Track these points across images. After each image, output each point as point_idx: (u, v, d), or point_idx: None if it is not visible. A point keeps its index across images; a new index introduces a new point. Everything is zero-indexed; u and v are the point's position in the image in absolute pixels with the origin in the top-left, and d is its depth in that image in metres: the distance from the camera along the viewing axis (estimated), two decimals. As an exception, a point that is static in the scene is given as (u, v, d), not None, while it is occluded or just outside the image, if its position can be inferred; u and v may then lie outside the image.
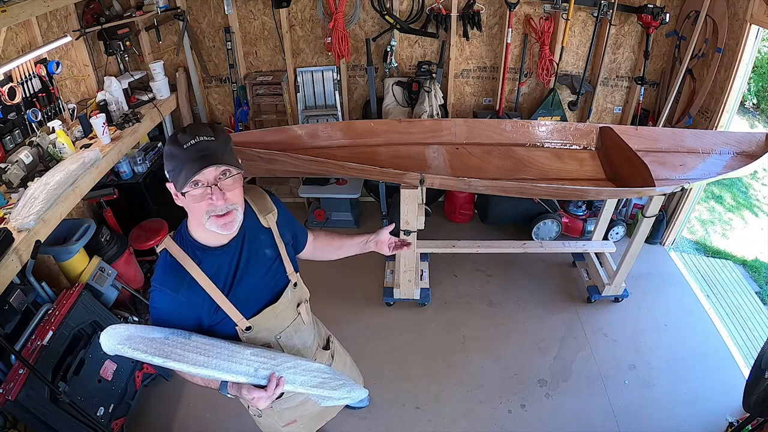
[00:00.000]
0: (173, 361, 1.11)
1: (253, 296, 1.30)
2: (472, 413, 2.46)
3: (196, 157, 1.06)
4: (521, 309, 3.05)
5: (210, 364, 1.14)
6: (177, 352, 1.13)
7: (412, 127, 2.78)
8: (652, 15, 3.02)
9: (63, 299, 2.19)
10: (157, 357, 1.10)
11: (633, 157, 2.45)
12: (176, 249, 1.19)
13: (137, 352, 1.10)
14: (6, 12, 2.06)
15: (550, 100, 3.44)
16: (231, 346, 1.21)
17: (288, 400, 1.56)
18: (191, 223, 1.20)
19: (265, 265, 1.31)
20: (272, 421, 1.64)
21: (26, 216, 2.07)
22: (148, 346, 1.12)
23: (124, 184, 3.01)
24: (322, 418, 1.83)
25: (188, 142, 1.07)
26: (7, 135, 2.42)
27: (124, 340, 1.12)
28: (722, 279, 3.53)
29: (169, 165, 1.10)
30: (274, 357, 1.25)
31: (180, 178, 1.07)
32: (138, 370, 2.46)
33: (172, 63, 3.51)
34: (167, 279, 1.19)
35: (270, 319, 1.34)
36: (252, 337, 1.31)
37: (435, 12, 3.23)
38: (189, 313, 1.21)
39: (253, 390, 1.17)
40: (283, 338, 1.41)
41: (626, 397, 2.51)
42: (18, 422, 1.91)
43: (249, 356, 1.20)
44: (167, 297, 1.19)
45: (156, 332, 1.16)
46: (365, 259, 3.45)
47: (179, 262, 1.18)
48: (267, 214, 1.32)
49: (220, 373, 1.14)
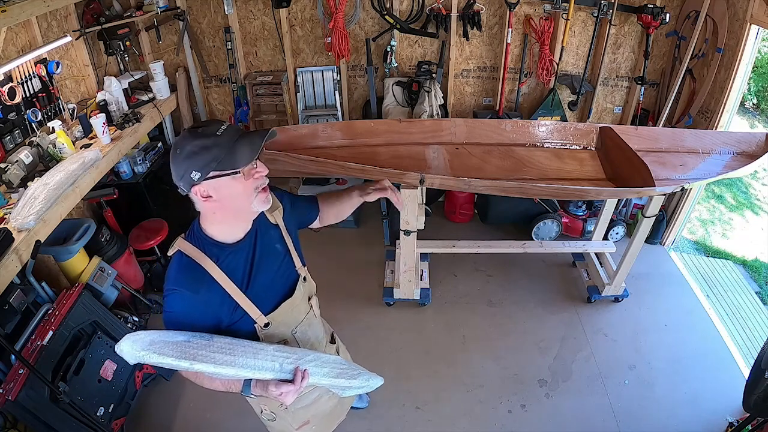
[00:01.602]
0: (200, 363, 1.10)
1: (269, 292, 1.31)
2: (472, 413, 2.46)
3: (241, 135, 1.07)
4: (521, 309, 3.05)
5: (236, 363, 1.13)
6: (202, 353, 1.11)
7: (412, 127, 2.78)
8: (652, 15, 3.02)
9: (63, 299, 2.19)
10: (184, 360, 1.09)
11: (633, 157, 2.45)
12: (191, 249, 1.17)
13: (163, 357, 1.09)
14: (6, 12, 2.06)
15: (550, 100, 3.44)
16: (253, 343, 1.21)
17: (302, 399, 1.57)
18: (209, 220, 1.19)
19: (277, 260, 1.33)
20: (286, 424, 1.63)
21: (26, 216, 2.07)
22: (172, 349, 1.10)
23: (124, 184, 3.01)
24: (333, 420, 1.84)
25: (219, 128, 1.08)
26: (7, 135, 2.42)
27: (147, 345, 1.10)
28: (722, 279, 3.53)
29: (207, 157, 1.06)
30: (295, 352, 1.26)
31: (237, 157, 1.07)
32: (138, 370, 2.46)
33: (172, 63, 3.51)
34: (184, 280, 1.17)
35: (287, 314, 1.35)
36: (270, 334, 1.31)
37: (435, 12, 3.23)
38: (207, 314, 1.19)
39: (282, 385, 1.17)
40: (298, 332, 1.42)
41: (626, 397, 2.51)
42: (18, 422, 1.91)
43: (272, 352, 1.20)
44: (185, 298, 1.17)
45: (178, 336, 1.15)
46: (365, 259, 3.48)
47: (196, 262, 1.16)
48: (274, 211, 1.33)
49: (247, 371, 1.14)
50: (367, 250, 3.50)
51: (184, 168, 1.07)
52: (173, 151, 1.10)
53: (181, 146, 1.08)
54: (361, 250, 3.52)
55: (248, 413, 2.44)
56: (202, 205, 1.14)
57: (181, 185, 1.11)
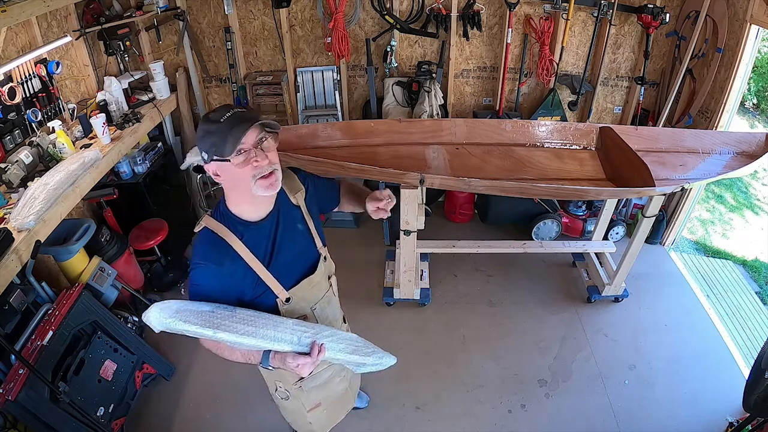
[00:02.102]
0: (223, 332, 1.17)
1: (290, 269, 1.37)
2: (472, 413, 2.46)
3: (236, 123, 1.13)
4: (521, 309, 3.05)
5: (257, 334, 1.20)
6: (225, 323, 1.18)
7: (412, 127, 2.78)
8: (652, 15, 3.02)
9: (63, 299, 2.18)
10: (208, 329, 1.16)
11: (633, 157, 2.45)
12: (217, 225, 1.24)
13: (188, 325, 1.16)
14: (6, 12, 2.06)
15: (550, 100, 3.44)
16: (273, 317, 1.27)
17: (316, 377, 1.63)
18: (231, 199, 1.26)
19: (299, 239, 1.40)
20: (298, 404, 1.69)
21: (26, 216, 2.07)
22: (198, 318, 1.17)
23: (124, 184, 3.01)
24: (342, 407, 1.91)
25: (224, 115, 1.14)
26: (7, 135, 2.41)
27: (174, 313, 1.17)
28: (722, 279, 3.53)
29: (209, 141, 1.15)
30: (313, 327, 1.32)
31: (227, 146, 1.13)
32: (138, 370, 2.46)
33: (172, 63, 3.51)
34: (210, 254, 1.23)
35: (307, 290, 1.42)
36: (290, 309, 1.37)
37: (435, 12, 3.23)
38: (231, 287, 1.26)
39: (298, 357, 1.24)
40: (317, 309, 1.49)
41: (626, 397, 2.51)
42: (18, 422, 1.91)
43: (292, 326, 1.27)
44: (210, 272, 1.23)
45: (203, 306, 1.22)
46: (365, 259, 3.48)
47: (221, 237, 1.23)
48: (296, 193, 1.39)
49: (266, 342, 1.21)
50: (367, 250, 3.50)
51: (199, 147, 1.19)
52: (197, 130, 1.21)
53: (199, 127, 1.19)
54: (361, 250, 3.52)
55: (249, 413, 2.45)
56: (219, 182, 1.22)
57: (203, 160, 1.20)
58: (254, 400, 2.51)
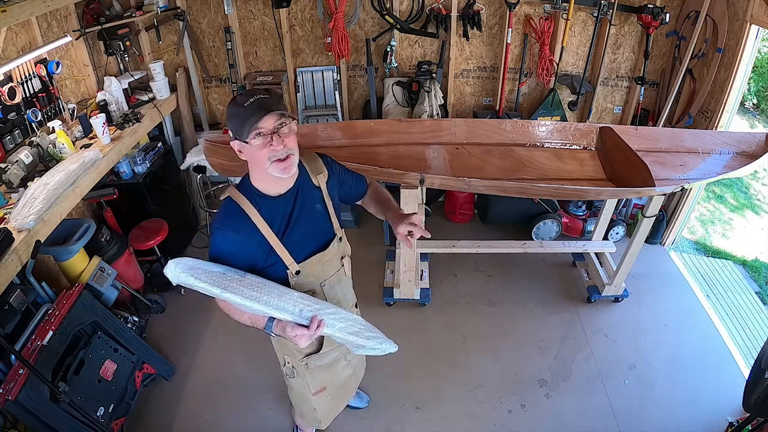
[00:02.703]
0: (230, 293, 1.26)
1: (303, 244, 1.45)
2: (472, 413, 2.46)
3: (255, 110, 1.22)
4: (521, 309, 3.05)
5: (261, 300, 1.29)
6: (233, 285, 1.28)
7: (412, 127, 2.78)
8: (652, 15, 3.02)
9: (63, 299, 2.18)
10: (216, 288, 1.26)
11: (633, 157, 2.45)
12: (239, 196, 1.35)
13: (199, 282, 1.25)
14: (6, 12, 2.06)
15: (550, 100, 3.44)
16: (281, 288, 1.36)
17: (322, 357, 1.68)
18: (254, 175, 1.36)
19: (315, 218, 1.48)
20: (304, 384, 1.74)
21: (26, 216, 2.07)
22: (209, 277, 1.27)
23: (124, 184, 3.01)
24: (345, 394, 1.97)
25: (247, 101, 1.24)
26: (7, 135, 2.41)
27: (188, 269, 1.26)
28: (722, 279, 3.53)
29: (233, 123, 1.27)
30: (317, 302, 1.40)
31: (245, 130, 1.23)
32: (138, 370, 2.46)
33: (172, 63, 3.51)
34: (229, 220, 1.34)
35: (317, 266, 1.49)
36: (300, 282, 1.45)
37: (435, 12, 3.23)
38: (245, 254, 1.36)
39: (297, 328, 1.32)
40: (326, 286, 1.56)
41: (626, 397, 2.51)
42: (18, 422, 1.91)
43: (296, 298, 1.35)
44: (228, 237, 1.34)
45: (215, 267, 1.31)
46: (365, 259, 3.47)
47: (241, 207, 1.33)
48: (318, 175, 1.47)
49: (269, 309, 1.30)
50: (367, 250, 3.50)
51: (227, 125, 1.33)
52: None
53: (227, 108, 1.31)
54: (361, 250, 3.50)
55: (249, 413, 2.45)
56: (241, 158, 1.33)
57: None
58: (254, 400, 2.52)
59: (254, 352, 2.71)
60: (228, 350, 2.78)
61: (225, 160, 2.32)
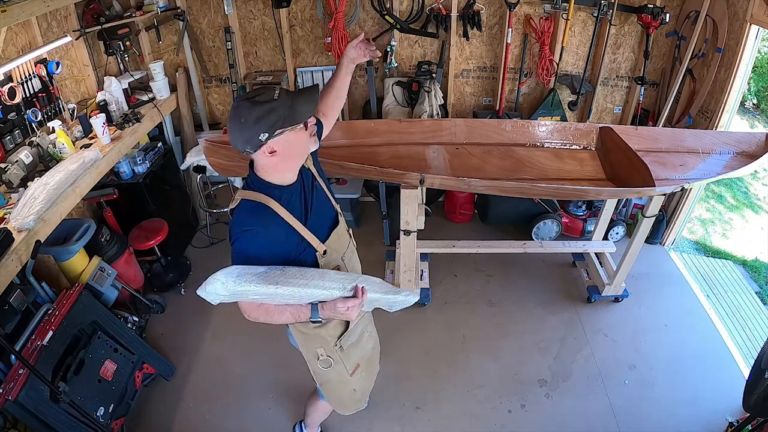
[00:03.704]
0: (284, 286, 1.26)
1: (321, 223, 1.50)
2: (472, 413, 2.46)
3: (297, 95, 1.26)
4: (521, 309, 3.05)
5: (310, 284, 1.31)
6: (282, 279, 1.28)
7: (412, 127, 2.78)
8: (652, 15, 3.02)
9: (63, 299, 2.18)
10: (270, 285, 1.25)
11: (633, 157, 2.45)
12: (255, 194, 1.33)
13: (252, 285, 1.23)
14: (6, 12, 2.06)
15: (550, 100, 3.44)
16: (317, 270, 1.40)
17: (352, 333, 1.70)
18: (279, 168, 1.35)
19: (320, 197, 1.51)
20: (342, 370, 1.73)
21: (26, 216, 2.07)
22: (258, 278, 1.25)
23: (124, 184, 3.01)
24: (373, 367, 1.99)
25: (275, 93, 1.25)
26: (7, 135, 2.41)
27: (237, 277, 1.24)
28: (722, 279, 3.53)
29: (274, 118, 1.23)
30: (350, 275, 1.46)
31: (299, 112, 1.26)
32: (138, 370, 2.46)
33: (172, 63, 3.51)
34: (255, 219, 1.32)
35: (336, 242, 1.54)
36: (327, 261, 1.49)
37: (435, 12, 3.23)
38: (277, 248, 1.35)
39: (348, 300, 1.37)
40: (346, 258, 1.61)
41: (626, 397, 2.51)
42: (18, 422, 1.91)
43: (334, 275, 1.40)
44: (258, 236, 1.32)
45: (258, 269, 1.29)
46: (365, 259, 3.45)
47: (262, 203, 1.32)
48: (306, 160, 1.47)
49: (320, 291, 1.33)
50: (367, 250, 3.49)
51: (253, 133, 1.24)
52: (236, 121, 1.24)
53: (245, 115, 1.23)
54: (361, 250, 3.48)
55: (248, 413, 2.45)
56: (266, 160, 1.31)
57: (247, 149, 1.27)
58: (254, 400, 2.52)
59: (254, 352, 2.71)
60: (228, 350, 2.78)
61: (225, 160, 2.32)
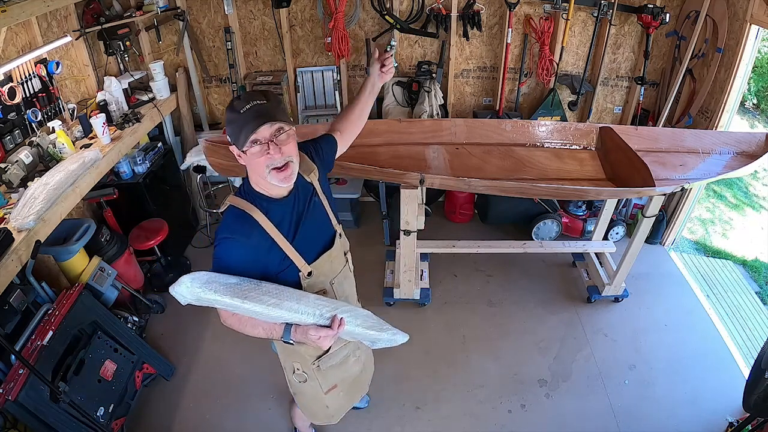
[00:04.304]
0: (251, 302, 1.22)
1: (311, 243, 1.44)
2: (472, 413, 2.46)
3: (251, 118, 1.19)
4: (521, 309, 3.05)
5: (282, 306, 1.26)
6: (252, 294, 1.24)
7: (412, 127, 2.78)
8: (652, 15, 3.02)
9: (63, 299, 2.18)
10: (236, 298, 1.21)
11: (633, 157, 2.45)
12: (242, 202, 1.30)
13: (218, 295, 1.21)
14: (6, 12, 2.06)
15: (550, 100, 3.44)
16: (297, 291, 1.33)
17: (332, 357, 1.65)
18: (254, 178, 1.32)
19: (317, 216, 1.46)
20: (316, 386, 1.71)
21: (26, 216, 2.07)
22: (227, 289, 1.22)
23: (124, 184, 3.01)
24: (358, 389, 1.94)
25: (244, 107, 1.20)
26: (7, 135, 2.41)
27: (205, 284, 1.21)
28: (722, 279, 3.53)
29: (230, 129, 1.24)
30: (333, 302, 1.39)
31: (241, 139, 1.21)
32: (138, 370, 2.46)
33: (172, 63, 3.51)
34: (238, 227, 1.29)
35: (326, 264, 1.48)
36: (312, 283, 1.43)
37: (435, 12, 3.23)
38: (257, 261, 1.31)
39: (320, 329, 1.30)
40: (336, 283, 1.55)
41: (626, 397, 2.51)
42: (18, 422, 1.91)
43: (313, 300, 1.33)
44: (238, 245, 1.29)
45: (230, 278, 1.26)
46: (365, 259, 3.47)
47: (247, 213, 1.29)
48: (310, 173, 1.45)
49: (291, 314, 1.27)
50: (367, 250, 3.50)
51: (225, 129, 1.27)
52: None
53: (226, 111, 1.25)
54: (361, 250, 3.50)
55: (248, 413, 2.45)
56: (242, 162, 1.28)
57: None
58: (254, 400, 2.52)
59: (254, 352, 2.71)
60: (228, 350, 2.78)
61: (225, 160, 2.32)
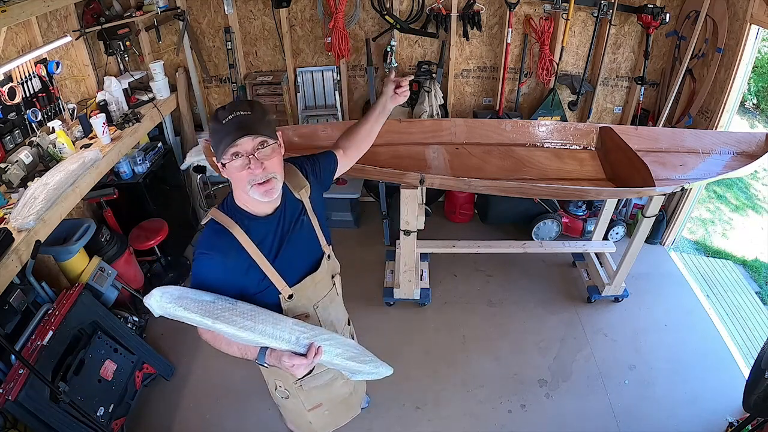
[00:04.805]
0: (222, 323, 1.17)
1: (294, 265, 1.37)
2: (472, 413, 2.46)
3: (233, 130, 1.13)
4: (521, 309, 3.05)
5: (256, 329, 1.19)
6: (225, 315, 1.18)
7: (412, 127, 2.78)
8: (652, 15, 3.02)
9: (63, 299, 2.18)
10: (207, 318, 1.16)
11: (633, 157, 2.45)
12: (224, 217, 1.25)
13: (187, 312, 1.16)
14: (6, 12, 2.06)
15: (550, 100, 3.44)
16: (274, 314, 1.26)
17: (317, 378, 1.60)
18: (237, 193, 1.27)
19: (303, 236, 1.38)
20: (298, 403, 1.67)
21: (26, 216, 2.07)
22: (198, 307, 1.17)
23: (124, 184, 3.01)
24: (346, 410, 1.87)
25: (227, 117, 1.14)
26: (7, 135, 2.41)
27: (175, 299, 1.17)
28: (722, 279, 3.53)
29: (212, 140, 1.19)
30: (313, 329, 1.31)
31: (220, 150, 1.16)
32: (138, 370, 2.46)
33: (172, 63, 3.51)
34: (216, 244, 1.24)
35: (309, 288, 1.41)
36: (293, 306, 1.37)
37: (435, 12, 3.23)
38: (234, 280, 1.26)
39: (294, 357, 1.23)
40: (320, 308, 1.48)
41: (626, 397, 2.51)
42: (18, 422, 1.91)
43: (291, 325, 1.26)
44: (215, 262, 1.24)
45: (205, 295, 1.21)
46: (365, 259, 3.48)
47: (227, 229, 1.23)
48: (300, 190, 1.37)
49: (264, 338, 1.20)
50: (367, 250, 3.50)
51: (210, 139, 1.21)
52: None
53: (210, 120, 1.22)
54: (361, 250, 3.52)
55: (248, 413, 2.45)
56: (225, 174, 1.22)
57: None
58: (254, 400, 2.51)
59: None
60: (228, 350, 2.78)
61: (225, 160, 2.31)
